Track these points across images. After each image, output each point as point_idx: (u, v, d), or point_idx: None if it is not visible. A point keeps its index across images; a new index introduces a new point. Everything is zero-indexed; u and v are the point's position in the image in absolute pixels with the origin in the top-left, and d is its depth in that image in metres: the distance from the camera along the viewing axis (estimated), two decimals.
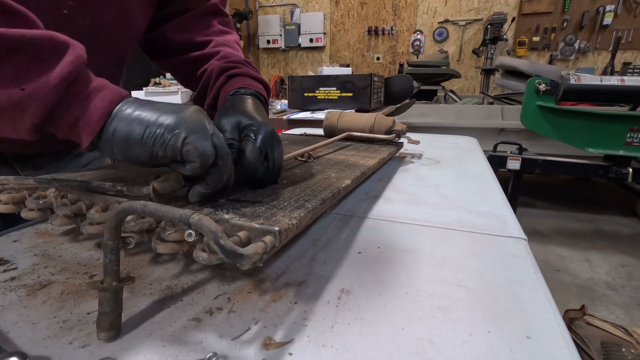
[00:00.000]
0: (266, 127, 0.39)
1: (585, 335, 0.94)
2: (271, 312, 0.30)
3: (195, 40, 0.58)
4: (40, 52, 0.28)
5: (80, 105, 0.30)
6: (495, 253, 0.40)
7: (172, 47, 0.58)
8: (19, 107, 0.28)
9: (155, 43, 0.60)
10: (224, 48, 0.57)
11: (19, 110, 0.28)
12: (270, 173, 0.40)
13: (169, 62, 0.61)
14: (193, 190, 0.32)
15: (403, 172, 0.74)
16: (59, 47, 0.29)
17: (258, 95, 0.50)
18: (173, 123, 0.30)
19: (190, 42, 0.58)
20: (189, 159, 0.30)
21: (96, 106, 0.30)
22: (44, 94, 0.28)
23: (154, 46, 0.61)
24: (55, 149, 0.59)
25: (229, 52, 0.56)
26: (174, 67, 0.61)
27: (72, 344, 0.26)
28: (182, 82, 0.63)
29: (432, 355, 0.25)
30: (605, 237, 2.22)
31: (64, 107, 0.29)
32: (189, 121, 0.30)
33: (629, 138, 1.74)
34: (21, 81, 0.27)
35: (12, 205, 0.37)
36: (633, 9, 3.75)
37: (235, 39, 0.61)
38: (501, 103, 2.84)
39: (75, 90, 0.30)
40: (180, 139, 0.29)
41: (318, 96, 1.59)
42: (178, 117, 0.30)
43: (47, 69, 0.28)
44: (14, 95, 0.27)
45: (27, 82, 0.28)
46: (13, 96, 0.27)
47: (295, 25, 4.77)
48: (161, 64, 0.63)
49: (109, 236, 0.25)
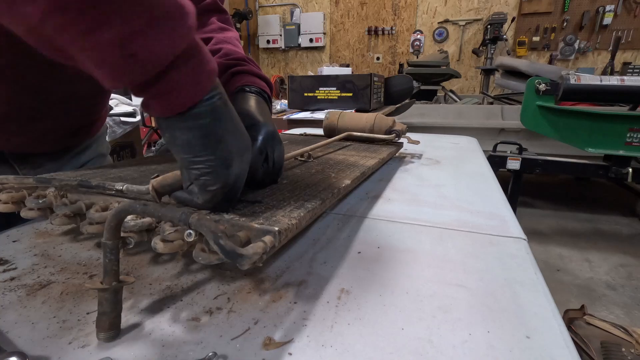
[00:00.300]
0: (267, 127, 0.39)
1: (585, 335, 0.94)
2: (271, 312, 0.30)
3: None
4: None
5: (198, 63, 0.27)
6: (495, 253, 0.40)
7: None
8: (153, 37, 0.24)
9: None
10: (226, 45, 0.56)
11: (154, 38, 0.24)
12: (270, 174, 0.40)
13: None
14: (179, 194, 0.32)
15: (403, 172, 0.74)
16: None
17: (262, 93, 0.49)
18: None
19: None
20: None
21: (209, 70, 0.27)
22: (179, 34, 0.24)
23: None
24: (55, 148, 0.59)
25: (231, 49, 0.56)
26: None
27: (72, 344, 0.26)
28: None
29: (432, 355, 0.25)
30: (605, 237, 2.23)
31: (187, 57, 0.26)
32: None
33: (628, 138, 1.74)
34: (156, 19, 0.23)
35: (12, 205, 0.37)
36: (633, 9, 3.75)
37: (235, 36, 0.60)
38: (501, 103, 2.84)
39: (196, 47, 0.27)
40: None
41: (318, 96, 1.59)
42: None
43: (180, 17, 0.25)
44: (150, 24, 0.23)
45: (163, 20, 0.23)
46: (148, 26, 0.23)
47: (295, 25, 4.78)
48: None
49: (109, 236, 0.25)
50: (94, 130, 0.66)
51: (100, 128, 0.68)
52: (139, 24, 0.22)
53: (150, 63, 0.24)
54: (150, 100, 0.26)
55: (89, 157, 0.66)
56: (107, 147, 0.72)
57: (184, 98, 0.26)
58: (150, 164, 0.51)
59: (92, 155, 0.67)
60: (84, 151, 0.65)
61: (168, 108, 0.27)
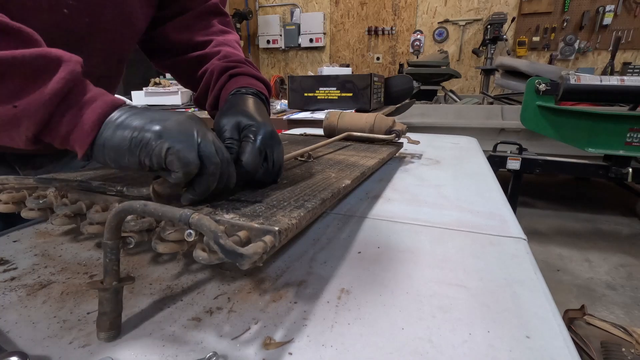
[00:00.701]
0: (266, 127, 0.39)
1: (585, 335, 0.94)
2: (271, 312, 0.30)
3: (196, 40, 0.58)
4: (32, 71, 0.29)
5: (73, 118, 0.30)
6: (494, 253, 0.40)
7: (172, 47, 0.58)
8: (13, 122, 0.30)
9: (155, 43, 0.59)
10: (225, 47, 0.57)
11: (14, 125, 0.30)
12: (269, 174, 0.40)
13: (169, 62, 0.61)
14: (183, 195, 0.33)
15: (403, 172, 0.74)
16: (51, 65, 0.30)
17: (259, 94, 0.50)
18: (158, 132, 0.30)
19: (191, 41, 0.58)
20: (172, 169, 0.30)
21: (88, 118, 0.30)
22: (35, 109, 0.29)
23: (154, 46, 0.61)
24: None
25: (230, 51, 0.56)
26: (174, 67, 0.61)
27: (72, 344, 0.26)
28: (183, 83, 0.63)
29: (432, 355, 0.25)
30: (605, 237, 2.22)
31: (56, 121, 0.30)
32: (174, 130, 0.31)
33: (628, 138, 1.74)
34: (14, 99, 0.29)
35: (12, 205, 0.37)
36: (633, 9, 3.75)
37: (235, 39, 0.61)
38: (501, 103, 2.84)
39: (68, 104, 0.30)
40: (164, 148, 0.29)
41: (318, 96, 1.59)
42: (164, 125, 0.30)
43: (38, 87, 0.29)
44: (8, 112, 0.29)
45: (20, 99, 0.29)
46: (7, 113, 0.29)
47: (295, 25, 4.77)
48: (161, 64, 0.63)
49: (109, 236, 0.25)
50: None
51: None
52: (13, 85, 0.28)
53: (31, 111, 0.29)
54: (58, 147, 0.32)
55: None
56: None
57: (79, 141, 0.31)
58: None
59: None
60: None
61: (78, 150, 0.31)
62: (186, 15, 0.58)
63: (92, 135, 0.31)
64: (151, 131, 0.30)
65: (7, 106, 0.29)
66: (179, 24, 0.57)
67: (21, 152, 0.55)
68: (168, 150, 0.29)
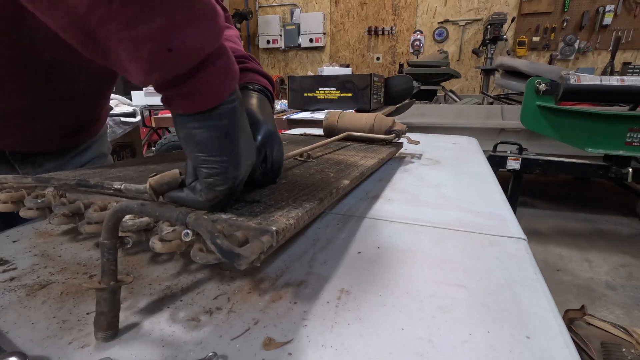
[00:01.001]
0: (267, 127, 0.39)
1: (585, 335, 0.94)
2: (271, 312, 0.30)
3: None
4: (199, 14, 0.24)
5: (224, 68, 0.27)
6: (494, 253, 0.40)
7: None
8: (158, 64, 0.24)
9: None
10: (227, 43, 0.56)
11: (157, 68, 0.24)
12: (268, 174, 0.40)
13: None
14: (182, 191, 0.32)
15: (403, 172, 0.74)
16: (214, 12, 0.25)
17: (265, 91, 0.49)
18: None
19: None
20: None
21: (234, 72, 0.28)
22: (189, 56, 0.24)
23: None
24: (55, 147, 0.59)
25: (233, 47, 0.56)
26: None
27: (72, 344, 0.26)
28: None
29: (432, 355, 0.25)
30: (605, 237, 2.22)
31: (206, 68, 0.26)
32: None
33: (628, 138, 1.74)
34: (170, 40, 0.23)
35: (11, 204, 0.37)
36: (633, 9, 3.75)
37: (235, 34, 0.60)
38: (501, 103, 2.84)
39: (220, 54, 0.27)
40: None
41: (318, 96, 1.59)
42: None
43: (200, 32, 0.25)
44: (160, 55, 0.24)
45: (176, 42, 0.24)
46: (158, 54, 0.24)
47: (295, 25, 4.78)
48: None
49: (106, 235, 0.25)
50: (95, 130, 0.66)
51: (101, 128, 0.68)
52: (179, 19, 0.23)
53: (185, 58, 0.24)
54: (176, 97, 0.27)
55: (90, 157, 0.66)
56: (108, 147, 0.72)
57: (210, 97, 0.27)
58: (149, 163, 0.51)
59: (93, 155, 0.67)
60: (85, 151, 0.65)
61: (192, 105, 0.27)
62: None
63: (229, 92, 0.28)
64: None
65: (161, 46, 0.23)
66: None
67: (21, 151, 0.55)
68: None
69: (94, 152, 0.67)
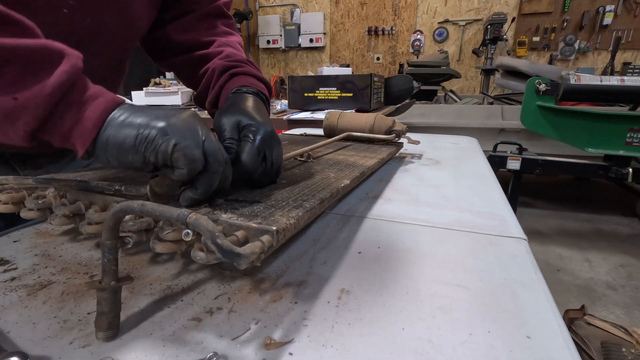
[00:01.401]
0: (265, 127, 0.39)
1: (585, 335, 0.94)
2: (271, 312, 0.30)
3: (199, 40, 0.58)
4: (34, 62, 0.28)
5: (74, 114, 0.30)
6: (495, 253, 0.40)
7: (175, 48, 0.58)
8: (11, 115, 0.28)
9: (158, 43, 0.59)
10: (227, 48, 0.57)
11: (12, 118, 0.29)
12: (268, 174, 0.40)
13: (171, 61, 0.61)
14: (183, 194, 0.33)
15: (403, 172, 0.74)
16: (53, 57, 0.29)
17: (260, 94, 0.50)
18: (164, 128, 0.30)
19: (194, 42, 0.58)
20: (177, 166, 0.30)
21: (89, 115, 0.30)
22: (36, 103, 0.28)
23: (157, 47, 0.61)
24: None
25: (232, 52, 0.56)
26: (176, 66, 0.61)
27: (73, 344, 0.26)
28: (184, 81, 0.63)
29: (432, 355, 0.25)
30: (605, 237, 2.22)
31: (57, 117, 0.30)
32: (180, 127, 0.30)
33: (629, 138, 1.74)
34: (14, 90, 0.28)
35: (12, 205, 0.37)
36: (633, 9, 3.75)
37: (238, 40, 0.61)
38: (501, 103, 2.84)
39: (69, 99, 0.30)
40: (170, 144, 0.29)
41: (318, 96, 1.59)
42: (169, 122, 0.30)
43: (40, 79, 0.28)
44: (7, 104, 0.28)
45: (20, 91, 0.28)
46: (6, 105, 0.28)
47: (295, 25, 4.77)
48: (163, 64, 0.62)
49: (107, 236, 0.25)
50: None
51: None
52: (14, 74, 0.27)
53: (31, 105, 0.28)
54: (57, 145, 0.31)
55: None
56: None
57: (80, 139, 0.30)
58: None
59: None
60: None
61: (78, 148, 0.30)
62: (190, 16, 0.58)
63: (94, 133, 0.30)
64: (157, 128, 0.30)
65: (7, 98, 0.27)
66: (183, 25, 0.57)
67: (21, 152, 0.55)
68: (175, 147, 0.29)
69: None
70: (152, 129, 0.30)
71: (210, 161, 0.31)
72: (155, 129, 0.30)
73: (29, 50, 0.28)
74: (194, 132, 0.31)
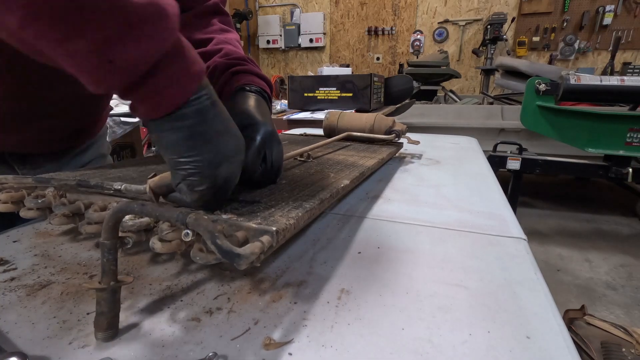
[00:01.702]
0: (266, 127, 0.39)
1: (585, 335, 0.94)
2: (271, 312, 0.30)
3: (196, 38, 0.57)
4: (140, 19, 0.24)
5: (178, 69, 0.26)
6: (495, 253, 0.40)
7: None
8: (102, 76, 0.24)
9: None
10: (226, 46, 0.56)
11: (102, 79, 0.24)
12: (268, 174, 0.40)
13: None
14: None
15: (403, 172, 0.74)
16: (160, 14, 0.25)
17: (262, 92, 0.49)
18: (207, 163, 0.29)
19: (191, 40, 0.57)
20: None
21: (194, 71, 0.27)
22: (135, 64, 0.24)
23: None
24: (55, 149, 0.59)
25: (231, 49, 0.56)
26: None
27: (72, 344, 0.26)
28: None
29: (432, 355, 0.25)
30: (605, 237, 2.22)
31: (158, 72, 0.26)
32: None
33: (628, 138, 1.74)
34: (110, 52, 0.23)
35: (11, 205, 0.37)
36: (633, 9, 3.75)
37: (235, 37, 0.61)
38: (501, 103, 2.84)
39: (172, 56, 0.26)
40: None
41: (318, 96, 1.59)
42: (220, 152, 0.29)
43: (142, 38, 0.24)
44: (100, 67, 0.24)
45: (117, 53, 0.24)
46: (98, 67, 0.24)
47: (295, 25, 4.77)
48: None
49: (107, 235, 0.25)
50: (95, 130, 0.66)
51: (101, 128, 0.68)
52: (113, 31, 0.22)
53: (129, 68, 0.24)
54: (136, 103, 0.27)
55: (89, 157, 0.66)
56: (107, 148, 0.72)
57: (169, 100, 0.27)
58: (149, 164, 0.51)
59: (92, 156, 0.67)
60: (85, 152, 0.65)
61: (153, 110, 0.27)
62: (186, 14, 0.58)
63: (190, 93, 0.27)
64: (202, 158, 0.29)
65: (100, 59, 0.23)
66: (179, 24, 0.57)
67: (20, 152, 0.55)
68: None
69: (93, 152, 0.67)
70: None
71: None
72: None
73: (138, 4, 0.24)
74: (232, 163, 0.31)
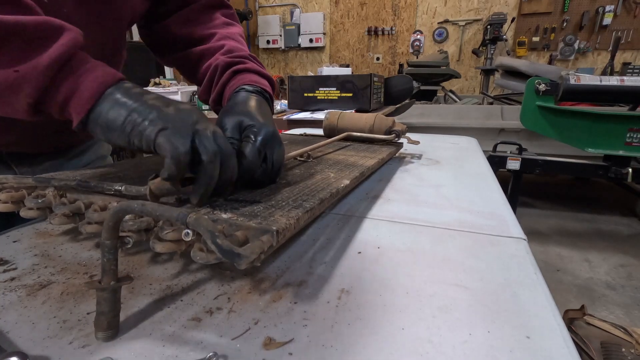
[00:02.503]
0: (267, 128, 0.39)
1: (585, 335, 0.94)
2: (271, 312, 0.30)
3: (199, 34, 0.57)
4: (34, 37, 0.29)
5: (72, 84, 0.31)
6: (494, 253, 0.40)
7: (175, 41, 0.57)
8: (14, 88, 0.30)
9: (158, 37, 0.59)
10: (229, 41, 0.56)
11: (15, 91, 0.30)
12: (268, 174, 0.40)
13: (173, 57, 0.60)
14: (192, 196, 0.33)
15: (403, 172, 0.74)
16: (54, 31, 0.30)
17: (263, 92, 0.49)
18: (154, 114, 0.30)
19: (193, 35, 0.56)
20: (160, 152, 0.30)
21: (87, 86, 0.30)
22: (36, 74, 0.29)
23: (157, 41, 0.60)
24: (52, 147, 0.59)
25: (234, 45, 0.55)
26: (178, 62, 0.60)
27: (72, 344, 0.26)
28: (187, 77, 0.61)
29: (432, 355, 0.25)
30: (605, 237, 2.23)
31: (56, 86, 0.30)
32: (172, 115, 0.30)
33: (628, 138, 1.74)
34: (15, 64, 0.29)
35: (11, 204, 0.37)
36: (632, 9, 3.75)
37: (239, 31, 0.60)
38: (501, 103, 2.84)
39: (68, 70, 0.30)
40: (155, 130, 0.29)
41: (318, 96, 1.59)
42: (162, 108, 0.30)
43: (40, 52, 0.29)
44: (9, 76, 0.29)
45: (21, 64, 0.29)
46: (8, 78, 0.29)
47: (295, 25, 4.78)
48: (165, 59, 0.62)
49: (107, 235, 0.25)
50: None
51: None
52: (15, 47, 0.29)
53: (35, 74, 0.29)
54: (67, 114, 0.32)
55: (89, 158, 0.66)
56: (107, 149, 0.72)
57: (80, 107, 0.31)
58: (149, 164, 0.51)
59: (92, 157, 0.67)
60: (85, 153, 0.65)
61: (77, 115, 0.31)
62: (188, 8, 0.57)
63: (90, 103, 0.31)
64: (147, 112, 0.30)
65: (9, 70, 0.29)
66: (181, 18, 0.57)
67: (19, 152, 0.55)
68: (159, 132, 0.29)
69: (93, 153, 0.67)
70: (142, 112, 0.30)
71: (201, 151, 0.30)
72: (145, 113, 0.30)
73: (30, 25, 0.29)
74: (185, 121, 0.30)
